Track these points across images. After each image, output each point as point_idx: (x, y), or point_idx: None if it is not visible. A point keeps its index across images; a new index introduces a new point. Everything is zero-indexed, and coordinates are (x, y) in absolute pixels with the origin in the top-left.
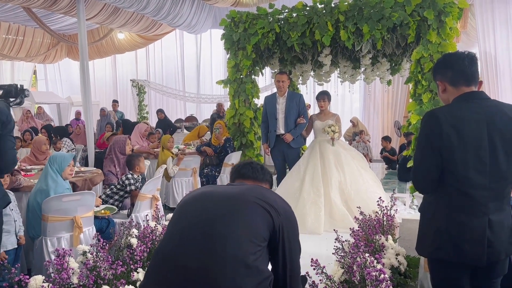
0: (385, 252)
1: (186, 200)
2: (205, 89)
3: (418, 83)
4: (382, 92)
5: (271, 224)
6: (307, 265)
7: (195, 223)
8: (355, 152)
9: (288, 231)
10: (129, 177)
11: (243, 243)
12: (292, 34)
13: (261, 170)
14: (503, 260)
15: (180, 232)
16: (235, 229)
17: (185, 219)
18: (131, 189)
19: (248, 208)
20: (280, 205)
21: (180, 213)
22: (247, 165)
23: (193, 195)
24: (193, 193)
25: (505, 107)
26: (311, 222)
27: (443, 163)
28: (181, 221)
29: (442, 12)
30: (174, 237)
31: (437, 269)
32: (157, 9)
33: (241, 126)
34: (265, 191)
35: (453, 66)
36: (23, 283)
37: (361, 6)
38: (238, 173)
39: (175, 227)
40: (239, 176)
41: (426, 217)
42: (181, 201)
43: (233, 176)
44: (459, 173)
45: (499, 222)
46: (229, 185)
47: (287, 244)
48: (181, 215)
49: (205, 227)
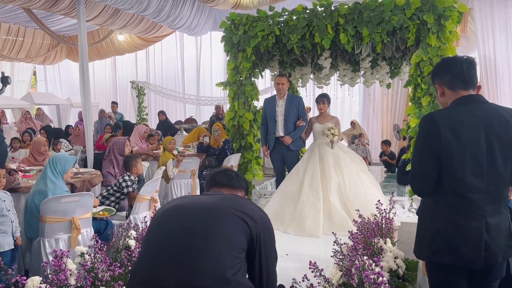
0: (384, 255)
1: (161, 214)
2: (205, 91)
3: (417, 86)
4: (381, 96)
5: (248, 234)
6: (305, 268)
7: (171, 238)
8: (354, 155)
9: (265, 239)
10: (126, 178)
11: (222, 257)
12: (292, 37)
13: (236, 177)
14: (500, 263)
15: (157, 249)
16: (213, 243)
17: (162, 236)
18: (128, 191)
19: (225, 219)
20: (257, 213)
21: (156, 229)
22: (221, 173)
23: (167, 209)
24: (167, 206)
25: (503, 111)
26: (309, 225)
27: (440, 165)
28: (158, 238)
29: (442, 16)
30: (151, 255)
31: (434, 272)
32: (157, 11)
33: (240, 128)
34: (241, 200)
35: (451, 70)
36: (20, 284)
37: (361, 9)
38: (213, 181)
39: (151, 244)
40: (214, 184)
41: (423, 220)
42: (156, 216)
43: (208, 185)
44: (457, 176)
45: (496, 225)
46: (204, 195)
47: (263, 252)
48: (157, 231)
49: (183, 243)
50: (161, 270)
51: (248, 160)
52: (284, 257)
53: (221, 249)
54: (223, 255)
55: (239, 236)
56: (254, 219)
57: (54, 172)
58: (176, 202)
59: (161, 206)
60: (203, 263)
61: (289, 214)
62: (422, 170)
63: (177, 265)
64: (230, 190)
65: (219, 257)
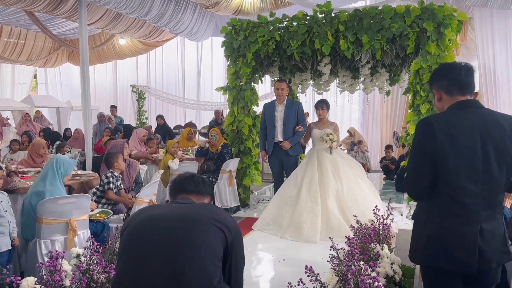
0: (380, 261)
1: (135, 226)
2: (205, 96)
3: (416, 93)
4: (381, 103)
5: (224, 242)
6: (301, 273)
7: (154, 250)
8: (353, 161)
9: (237, 247)
10: (109, 175)
11: (207, 266)
12: (292, 43)
13: (203, 183)
14: (495, 269)
15: (139, 261)
16: (198, 253)
17: (142, 247)
18: (109, 187)
19: (206, 229)
20: (231, 222)
21: (135, 241)
22: (188, 178)
23: (141, 220)
24: (138, 217)
25: (499, 116)
26: (307, 230)
27: (436, 169)
28: (138, 250)
29: (442, 24)
30: (133, 268)
31: (429, 276)
32: (158, 15)
33: (239, 133)
34: (215, 209)
35: (448, 76)
36: (15, 284)
37: (361, 16)
38: (180, 188)
39: (132, 256)
40: (181, 190)
41: (418, 224)
42: (128, 228)
43: (174, 191)
44: (452, 180)
45: (490, 230)
46: (175, 203)
47: (234, 259)
48: (136, 243)
49: (168, 255)
50: (146, 282)
51: (247, 165)
52: (281, 262)
53: (205, 259)
54: (208, 264)
55: (218, 245)
56: (229, 228)
57: (55, 174)
58: (148, 212)
59: (128, 218)
60: (190, 273)
61: (287, 219)
62: (417, 174)
63: (162, 276)
64: (198, 197)
65: (204, 267)
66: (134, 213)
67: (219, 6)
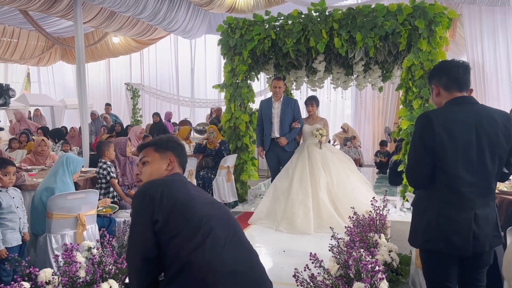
0: (379, 249)
1: (191, 197)
2: (199, 94)
3: (408, 89)
4: (373, 99)
5: None
6: (299, 264)
7: (220, 227)
8: (342, 155)
9: None
10: (104, 166)
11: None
12: (288, 41)
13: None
14: (488, 252)
15: (213, 237)
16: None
17: (208, 221)
18: (112, 176)
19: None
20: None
21: (196, 214)
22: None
23: (191, 195)
24: (186, 194)
25: (493, 112)
26: (300, 222)
27: (434, 161)
28: (205, 223)
29: (432, 21)
30: (205, 242)
31: (427, 259)
32: (153, 14)
33: (236, 130)
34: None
35: (448, 73)
36: (33, 275)
37: (355, 14)
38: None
39: (199, 229)
40: (168, 149)
41: (418, 211)
42: (184, 199)
43: (164, 147)
44: (450, 170)
45: (484, 216)
46: (191, 186)
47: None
48: (201, 217)
49: (232, 233)
50: (228, 255)
51: (244, 161)
52: (281, 254)
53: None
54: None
55: None
56: None
57: (65, 171)
58: (190, 191)
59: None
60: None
61: (280, 212)
62: (417, 165)
63: (242, 254)
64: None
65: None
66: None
67: (213, 4)
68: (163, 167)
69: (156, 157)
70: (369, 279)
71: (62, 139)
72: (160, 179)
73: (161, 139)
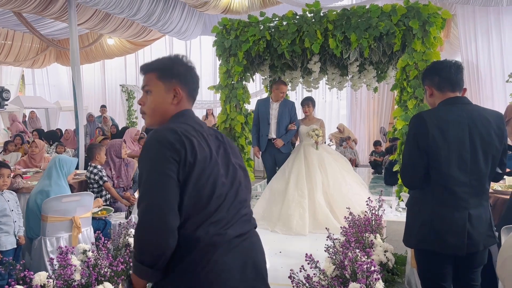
0: (374, 249)
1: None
2: None
3: (403, 90)
4: (368, 99)
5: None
6: (294, 265)
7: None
8: (338, 156)
9: None
10: (95, 171)
11: None
12: (283, 42)
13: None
14: (482, 252)
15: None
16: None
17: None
18: (104, 181)
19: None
20: None
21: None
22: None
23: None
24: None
25: (486, 112)
26: (295, 223)
27: (428, 161)
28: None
29: (427, 22)
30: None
31: (422, 259)
32: (147, 15)
33: (232, 131)
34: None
35: (440, 73)
36: (28, 279)
37: (349, 15)
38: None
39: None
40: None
41: (412, 211)
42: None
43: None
44: (443, 171)
45: (478, 216)
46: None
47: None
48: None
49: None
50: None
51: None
52: (277, 255)
53: None
54: None
55: None
56: None
57: (59, 173)
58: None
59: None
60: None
61: (276, 213)
62: (412, 165)
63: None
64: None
65: None
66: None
67: (208, 6)
68: (167, 100)
69: (160, 87)
70: (365, 280)
71: (56, 141)
72: (175, 128)
73: (165, 62)
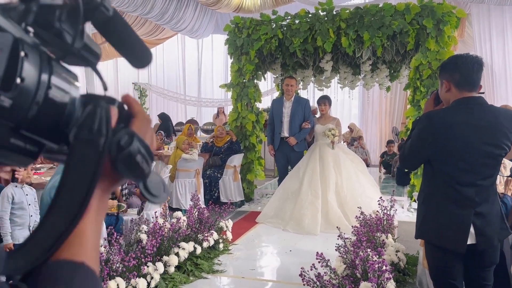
0: (386, 249)
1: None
2: (206, 93)
3: (416, 89)
4: (380, 99)
5: None
6: (305, 264)
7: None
8: (354, 156)
9: None
10: None
11: None
12: (295, 40)
13: None
14: (494, 249)
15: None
16: None
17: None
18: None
19: None
20: None
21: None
22: None
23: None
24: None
25: (497, 112)
26: (308, 223)
27: (434, 161)
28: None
29: (441, 21)
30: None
31: (428, 254)
32: (161, 13)
33: (243, 129)
34: None
35: (461, 70)
36: None
37: (362, 14)
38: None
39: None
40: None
41: (419, 204)
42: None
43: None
44: (449, 171)
45: (487, 212)
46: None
47: None
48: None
49: None
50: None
51: (251, 161)
52: (287, 253)
53: None
54: None
55: None
56: None
57: None
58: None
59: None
60: None
61: (288, 212)
62: (413, 155)
63: None
64: None
65: None
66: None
67: (220, 4)
68: None
69: None
70: (376, 279)
71: None
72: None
73: None
